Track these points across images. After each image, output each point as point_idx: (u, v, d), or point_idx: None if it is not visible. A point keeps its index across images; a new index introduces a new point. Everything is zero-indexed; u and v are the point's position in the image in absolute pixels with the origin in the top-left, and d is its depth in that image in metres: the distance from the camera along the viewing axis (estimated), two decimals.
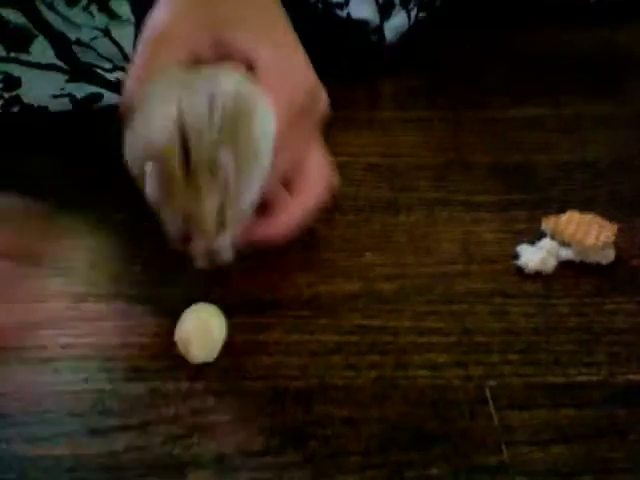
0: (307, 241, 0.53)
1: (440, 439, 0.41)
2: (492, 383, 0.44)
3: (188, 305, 0.47)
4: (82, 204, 0.54)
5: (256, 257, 0.52)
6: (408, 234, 0.54)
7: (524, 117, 0.67)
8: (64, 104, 0.61)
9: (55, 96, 0.61)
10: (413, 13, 0.74)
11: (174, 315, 0.47)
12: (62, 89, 0.61)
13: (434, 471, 0.39)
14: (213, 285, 0.50)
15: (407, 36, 0.75)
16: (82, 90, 0.62)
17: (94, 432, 0.41)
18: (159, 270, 0.51)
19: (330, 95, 0.68)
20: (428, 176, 0.60)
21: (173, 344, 0.45)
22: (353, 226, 0.55)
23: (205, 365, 0.45)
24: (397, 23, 0.74)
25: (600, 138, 0.64)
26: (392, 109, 0.68)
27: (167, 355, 0.45)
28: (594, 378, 0.44)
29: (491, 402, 0.43)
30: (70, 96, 0.61)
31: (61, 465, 0.40)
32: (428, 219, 0.56)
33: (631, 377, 0.44)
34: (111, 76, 0.62)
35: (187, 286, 0.50)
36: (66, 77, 0.61)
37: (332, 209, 0.56)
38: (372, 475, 0.39)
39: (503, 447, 0.40)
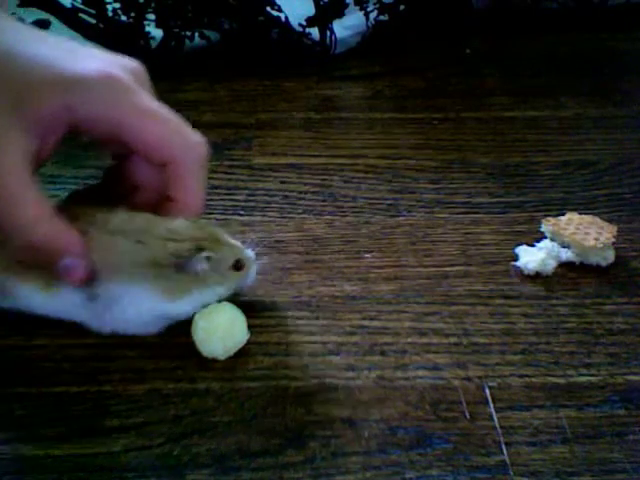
0: (307, 242, 0.54)
1: (440, 439, 0.41)
2: (492, 384, 0.44)
3: None
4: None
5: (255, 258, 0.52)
6: (408, 235, 0.54)
7: (524, 118, 0.67)
8: None
9: None
10: (372, 15, 0.75)
11: None
12: (13, 13, 0.64)
13: (434, 471, 0.39)
14: None
15: (370, 38, 0.76)
16: (32, 16, 0.64)
17: (94, 432, 0.41)
18: None
19: (329, 96, 0.69)
20: (428, 177, 0.60)
21: (173, 344, 0.46)
22: (353, 227, 0.55)
23: (205, 366, 0.45)
24: (352, 22, 0.74)
25: (600, 139, 0.64)
26: (392, 110, 0.69)
27: (167, 355, 0.45)
28: (594, 379, 0.44)
29: (491, 402, 0.43)
30: (20, 20, 0.63)
31: (61, 465, 0.39)
32: (428, 220, 0.56)
33: (631, 377, 0.44)
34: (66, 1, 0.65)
35: None
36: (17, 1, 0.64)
37: (332, 210, 0.57)
38: (372, 475, 0.39)
39: (503, 447, 0.40)
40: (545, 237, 0.53)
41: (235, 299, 0.47)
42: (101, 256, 0.43)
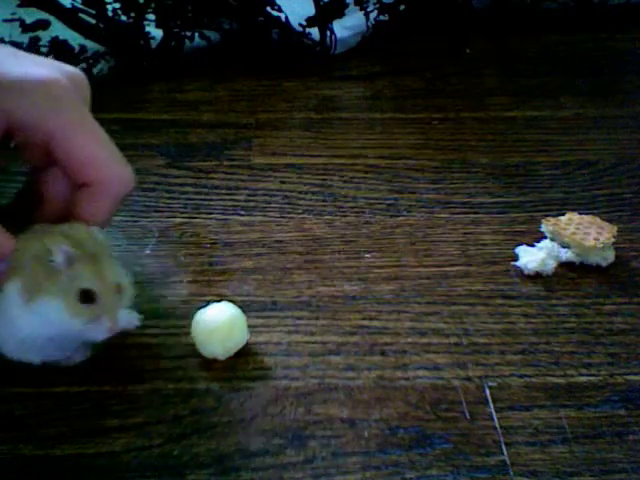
0: (307, 242, 0.54)
1: (440, 439, 0.41)
2: (492, 384, 0.44)
3: (188, 305, 0.48)
4: None
5: (255, 258, 0.52)
6: (408, 235, 0.54)
7: (524, 118, 0.67)
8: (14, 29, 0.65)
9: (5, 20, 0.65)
10: (372, 15, 0.75)
11: (174, 315, 0.47)
12: (13, 13, 0.65)
13: (434, 471, 0.39)
14: (213, 286, 0.50)
15: (370, 38, 0.76)
16: (32, 16, 0.65)
17: (94, 432, 0.41)
18: (159, 270, 0.51)
19: (329, 96, 0.69)
20: (428, 177, 0.60)
21: (173, 344, 0.46)
22: (353, 227, 0.55)
23: (205, 366, 0.45)
24: (352, 22, 0.74)
25: (600, 139, 0.64)
26: (392, 110, 0.68)
27: (167, 355, 0.45)
28: (594, 379, 0.44)
29: (491, 402, 0.43)
30: (20, 20, 0.65)
31: (61, 465, 0.39)
32: (428, 220, 0.56)
33: (631, 377, 0.44)
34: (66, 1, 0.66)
35: (187, 286, 0.50)
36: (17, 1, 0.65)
37: (332, 210, 0.57)
38: (372, 475, 0.39)
39: (503, 447, 0.40)
40: (545, 237, 0.53)
41: (235, 299, 0.47)
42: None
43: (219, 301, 0.46)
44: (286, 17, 0.72)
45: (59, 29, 0.67)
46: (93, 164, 0.42)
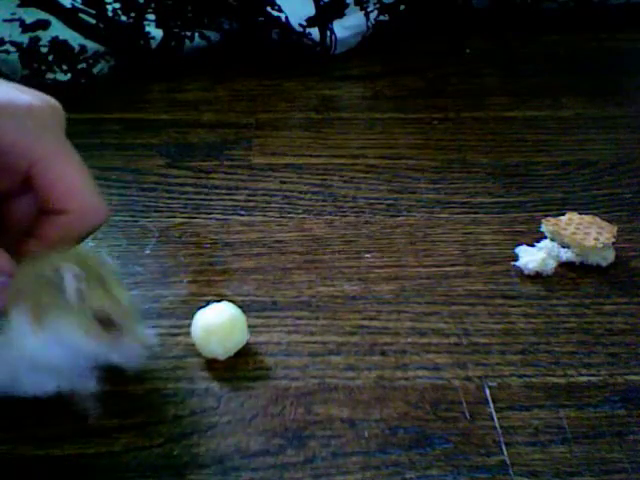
0: (307, 242, 0.54)
1: (440, 439, 0.41)
2: (492, 384, 0.44)
3: (188, 305, 0.48)
4: None
5: (255, 258, 0.52)
6: (408, 235, 0.54)
7: (524, 118, 0.67)
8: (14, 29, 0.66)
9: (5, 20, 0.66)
10: (373, 15, 0.75)
11: (174, 315, 0.47)
12: (13, 13, 0.65)
13: (434, 471, 0.39)
14: (213, 286, 0.50)
15: (370, 38, 0.76)
16: (32, 16, 0.66)
17: (94, 432, 0.41)
18: (159, 270, 0.51)
19: (329, 96, 0.69)
20: (428, 177, 0.60)
21: (173, 344, 0.46)
22: (353, 227, 0.55)
23: (205, 366, 0.45)
24: (352, 22, 0.74)
25: (600, 139, 0.64)
26: (392, 110, 0.69)
27: (167, 355, 0.45)
28: (594, 379, 0.44)
29: (491, 402, 0.43)
30: (20, 20, 0.66)
31: (61, 465, 0.39)
32: (428, 220, 0.56)
33: (631, 377, 0.44)
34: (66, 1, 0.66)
35: (187, 286, 0.50)
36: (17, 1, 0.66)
37: (332, 210, 0.57)
38: (372, 475, 0.39)
39: (503, 447, 0.40)
40: (545, 237, 0.53)
41: (235, 299, 0.47)
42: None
43: (219, 301, 0.46)
44: (286, 17, 0.72)
45: (59, 29, 0.67)
46: (73, 194, 0.41)
